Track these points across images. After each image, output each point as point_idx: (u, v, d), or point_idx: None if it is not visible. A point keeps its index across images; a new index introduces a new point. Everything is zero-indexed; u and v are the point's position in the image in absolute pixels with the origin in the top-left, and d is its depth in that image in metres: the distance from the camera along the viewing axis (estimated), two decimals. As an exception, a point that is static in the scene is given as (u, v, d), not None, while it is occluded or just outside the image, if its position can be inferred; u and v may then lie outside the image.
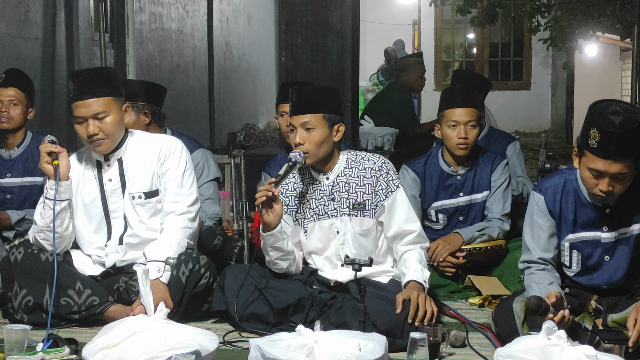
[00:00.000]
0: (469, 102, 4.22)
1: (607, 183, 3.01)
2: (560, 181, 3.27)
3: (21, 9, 6.42)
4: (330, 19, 5.94)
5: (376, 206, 3.52)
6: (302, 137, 3.45)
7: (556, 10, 10.43)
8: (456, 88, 4.35)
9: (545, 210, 3.27)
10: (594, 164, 3.01)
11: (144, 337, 2.89)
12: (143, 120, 4.36)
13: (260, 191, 3.33)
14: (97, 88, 3.50)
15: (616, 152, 2.96)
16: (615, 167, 2.98)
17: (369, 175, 3.53)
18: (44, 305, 3.50)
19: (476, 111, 4.22)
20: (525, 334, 2.98)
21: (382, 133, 6.66)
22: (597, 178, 3.03)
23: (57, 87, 6.84)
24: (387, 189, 3.51)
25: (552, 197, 3.26)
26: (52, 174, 3.47)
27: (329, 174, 3.57)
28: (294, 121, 3.49)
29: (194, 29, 10.52)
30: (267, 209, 3.36)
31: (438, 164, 4.34)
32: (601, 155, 2.98)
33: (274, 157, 4.74)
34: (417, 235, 3.53)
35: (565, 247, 3.29)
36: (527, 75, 15.09)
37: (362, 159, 3.57)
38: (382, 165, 3.54)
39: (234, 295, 3.45)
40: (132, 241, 3.64)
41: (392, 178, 3.53)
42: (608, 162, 2.97)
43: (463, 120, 4.16)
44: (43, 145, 3.50)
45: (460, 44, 16.03)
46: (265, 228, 3.40)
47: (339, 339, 2.84)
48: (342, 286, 3.55)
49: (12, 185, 4.55)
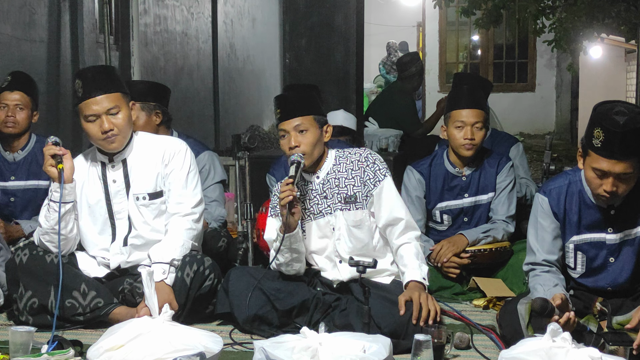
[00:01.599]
0: (476, 103, 4.23)
1: (611, 183, 3.01)
2: (565, 183, 3.27)
3: (26, 11, 6.43)
4: (335, 21, 5.95)
5: (367, 197, 3.54)
6: (297, 140, 3.48)
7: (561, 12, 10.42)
8: (463, 89, 4.35)
9: (550, 212, 3.27)
10: (598, 164, 3.01)
11: (148, 339, 2.89)
12: (154, 121, 4.35)
13: (283, 192, 3.32)
14: (107, 84, 3.52)
15: (620, 152, 2.96)
16: (619, 166, 2.98)
17: (357, 167, 3.56)
18: (49, 307, 3.51)
19: (483, 113, 4.23)
20: (530, 336, 2.98)
21: (386, 135, 6.65)
22: (601, 178, 3.03)
23: (62, 89, 6.85)
24: (374, 178, 3.53)
25: (556, 198, 3.26)
26: (56, 176, 3.47)
27: (319, 172, 3.59)
28: (285, 126, 3.51)
29: (198, 31, 10.52)
30: (291, 210, 3.36)
31: (443, 164, 4.34)
32: (605, 155, 2.98)
33: (279, 159, 4.74)
34: (405, 222, 3.53)
35: (569, 248, 3.29)
36: (532, 77, 15.05)
37: (349, 154, 3.61)
38: (367, 156, 3.57)
39: (239, 298, 3.46)
40: (137, 242, 3.64)
41: (379, 167, 3.56)
42: (612, 161, 2.98)
43: (470, 121, 4.16)
44: (47, 148, 3.50)
45: (464, 45, 16.01)
46: (288, 229, 3.40)
47: (343, 341, 2.84)
48: (346, 287, 3.55)
49: (16, 188, 4.55)
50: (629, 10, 9.53)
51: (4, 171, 4.55)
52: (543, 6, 10.12)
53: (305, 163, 3.46)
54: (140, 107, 4.19)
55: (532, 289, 3.25)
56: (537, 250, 3.30)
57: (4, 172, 4.55)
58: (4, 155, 4.56)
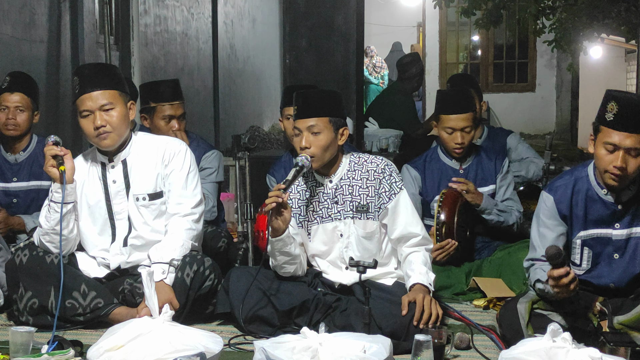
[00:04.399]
0: (464, 107, 4.32)
1: (621, 158, 3.05)
2: (571, 179, 3.28)
3: (26, 11, 6.44)
4: (335, 21, 5.96)
5: (379, 208, 3.51)
6: (308, 141, 3.45)
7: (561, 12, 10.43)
8: (450, 93, 4.49)
9: (554, 209, 3.27)
10: (610, 137, 3.06)
11: (148, 339, 2.89)
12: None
13: (270, 197, 3.31)
14: (103, 81, 3.52)
15: (633, 124, 3.02)
16: (631, 140, 3.02)
17: (372, 177, 3.53)
18: (49, 307, 3.50)
19: (471, 114, 4.33)
20: (530, 336, 2.98)
21: (386, 135, 6.67)
22: (612, 152, 3.07)
23: (62, 89, 6.85)
24: (390, 191, 3.51)
25: (561, 196, 3.26)
26: (57, 177, 3.47)
27: (333, 177, 3.57)
28: (299, 125, 3.48)
29: (198, 32, 10.52)
30: (277, 216, 3.35)
31: (438, 158, 4.45)
32: (617, 127, 3.04)
33: (279, 160, 4.74)
34: (421, 238, 3.52)
35: (576, 244, 3.29)
36: (532, 77, 15.05)
37: (365, 162, 3.57)
38: (385, 168, 3.54)
39: (239, 298, 3.45)
40: (137, 243, 3.64)
41: (395, 180, 3.53)
42: (623, 134, 3.03)
43: (459, 126, 4.29)
44: (47, 148, 3.49)
45: (464, 46, 16.01)
46: (274, 233, 3.39)
47: (343, 341, 2.84)
48: (347, 288, 3.55)
49: (18, 189, 4.54)
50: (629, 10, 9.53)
51: (6, 172, 4.55)
52: (543, 6, 10.12)
53: (313, 166, 3.45)
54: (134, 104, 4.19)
55: (533, 276, 3.25)
56: (539, 246, 3.31)
57: (6, 173, 4.55)
58: (6, 157, 4.56)
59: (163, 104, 4.44)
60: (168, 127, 4.41)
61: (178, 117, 4.47)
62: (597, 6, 9.74)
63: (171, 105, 4.45)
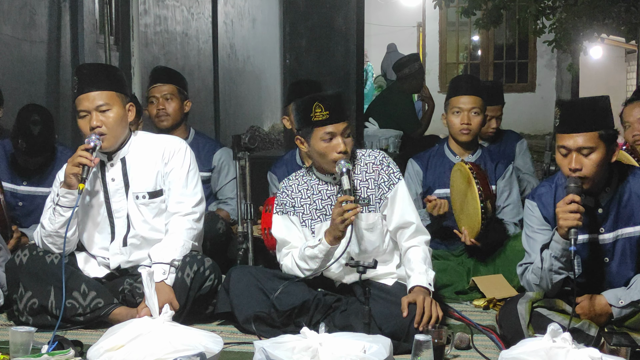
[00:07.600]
0: (474, 90, 4.39)
1: (575, 159, 3.06)
2: (552, 187, 3.30)
3: (26, 11, 6.44)
4: (335, 21, 5.95)
5: (380, 199, 3.53)
6: (349, 145, 3.45)
7: (561, 12, 10.43)
8: (462, 77, 4.58)
9: (540, 216, 3.28)
10: (561, 141, 3.10)
11: (148, 339, 2.89)
12: (184, 110, 4.76)
13: (350, 210, 3.29)
14: (100, 81, 3.51)
15: (575, 123, 3.05)
16: (579, 139, 3.05)
17: (371, 170, 3.55)
18: (49, 307, 3.51)
19: (480, 99, 4.38)
20: (530, 336, 2.98)
21: (386, 135, 6.66)
22: (566, 156, 3.09)
23: (62, 89, 6.85)
24: (389, 182, 3.53)
25: (544, 203, 3.28)
26: (73, 185, 3.42)
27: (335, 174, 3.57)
28: (335, 129, 3.43)
29: (198, 32, 10.52)
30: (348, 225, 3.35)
31: (444, 153, 4.48)
32: (564, 129, 3.09)
33: (281, 158, 4.75)
34: (416, 227, 3.53)
35: None
36: (532, 77, 15.07)
37: (362, 156, 3.60)
38: (382, 159, 3.57)
39: (239, 297, 3.46)
40: (136, 242, 3.64)
41: (393, 170, 3.56)
42: (571, 136, 3.06)
43: (467, 107, 4.33)
44: (82, 151, 3.40)
45: (465, 46, 16.02)
46: (336, 242, 3.39)
47: (343, 341, 2.84)
48: (347, 288, 3.55)
49: (25, 193, 4.50)
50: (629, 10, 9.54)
51: (17, 175, 4.49)
52: (543, 6, 10.13)
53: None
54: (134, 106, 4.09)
55: (536, 266, 3.23)
56: (531, 251, 3.31)
57: (17, 176, 4.49)
58: (20, 161, 4.50)
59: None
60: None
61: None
62: (597, 6, 9.74)
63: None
